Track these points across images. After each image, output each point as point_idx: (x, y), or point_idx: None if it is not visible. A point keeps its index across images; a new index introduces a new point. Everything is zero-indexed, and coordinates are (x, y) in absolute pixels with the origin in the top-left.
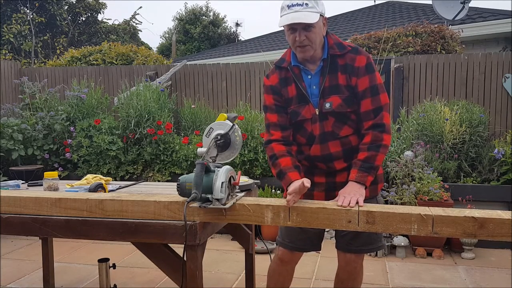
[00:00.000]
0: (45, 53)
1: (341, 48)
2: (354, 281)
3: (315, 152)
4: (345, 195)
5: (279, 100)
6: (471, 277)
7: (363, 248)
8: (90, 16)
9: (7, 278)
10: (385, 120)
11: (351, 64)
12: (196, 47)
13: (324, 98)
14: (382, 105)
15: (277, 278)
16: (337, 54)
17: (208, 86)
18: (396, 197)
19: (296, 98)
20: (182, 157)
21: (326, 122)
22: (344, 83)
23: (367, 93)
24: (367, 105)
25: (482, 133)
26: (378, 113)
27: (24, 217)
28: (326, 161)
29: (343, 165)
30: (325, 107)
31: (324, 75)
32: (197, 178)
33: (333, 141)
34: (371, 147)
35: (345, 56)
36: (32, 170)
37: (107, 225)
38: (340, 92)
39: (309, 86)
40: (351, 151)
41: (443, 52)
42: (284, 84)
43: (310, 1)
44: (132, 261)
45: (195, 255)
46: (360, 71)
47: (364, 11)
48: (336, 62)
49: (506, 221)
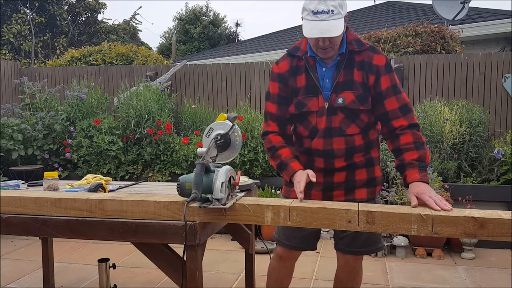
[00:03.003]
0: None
1: (360, 45)
2: (353, 281)
3: (316, 145)
4: (429, 193)
5: (284, 90)
6: (471, 277)
7: (362, 250)
8: (90, 16)
9: (7, 278)
10: (415, 119)
11: (368, 62)
12: (196, 47)
13: (337, 93)
14: (407, 102)
15: (276, 275)
16: (355, 50)
17: (208, 86)
18: (396, 197)
19: (304, 88)
20: (182, 157)
21: (335, 117)
22: (360, 80)
23: (390, 92)
24: (393, 104)
25: (482, 133)
26: (407, 111)
27: (24, 217)
28: (326, 156)
29: (342, 164)
30: (337, 102)
31: (340, 70)
32: (197, 178)
33: (338, 137)
34: (417, 145)
35: (363, 53)
36: (32, 170)
37: (107, 225)
38: (354, 88)
39: (322, 79)
40: (353, 151)
41: (443, 52)
42: (293, 73)
43: (335, 6)
44: (132, 261)
45: (195, 255)
46: (381, 69)
47: (364, 11)
48: (353, 58)
49: (506, 221)
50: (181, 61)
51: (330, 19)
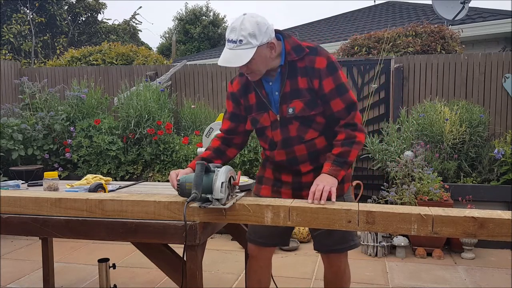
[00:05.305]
0: (45, 53)
1: (299, 52)
2: (341, 280)
3: (280, 157)
4: (318, 183)
5: (236, 108)
6: (471, 277)
7: (335, 248)
8: (90, 16)
9: (7, 278)
10: (356, 119)
11: (311, 66)
12: (196, 47)
13: (287, 104)
14: (353, 102)
15: (252, 276)
16: (295, 59)
17: (208, 86)
18: (396, 197)
19: (256, 105)
20: (182, 157)
21: (291, 126)
22: (305, 87)
23: (334, 94)
24: (338, 105)
25: (482, 133)
26: (350, 111)
27: (24, 217)
28: (291, 164)
29: (308, 168)
30: (288, 113)
31: (284, 81)
32: (197, 178)
33: (299, 145)
34: (344, 143)
35: (305, 58)
36: (32, 170)
37: (107, 225)
38: (301, 96)
39: (271, 93)
40: (317, 154)
41: (443, 52)
42: (244, 92)
43: (245, 36)
44: (132, 261)
45: (195, 255)
46: (322, 72)
47: (364, 11)
48: (295, 66)
49: (506, 221)
50: (181, 61)
51: (237, 49)
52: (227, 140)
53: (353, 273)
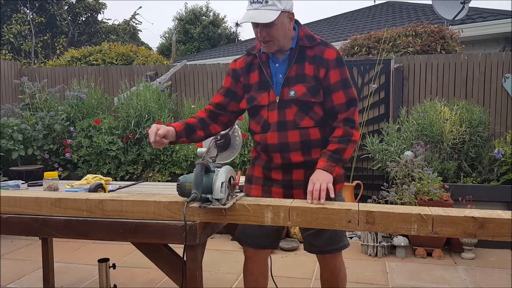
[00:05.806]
0: (45, 53)
1: (311, 40)
2: (336, 279)
3: (272, 140)
4: (314, 182)
5: (234, 85)
6: (471, 277)
7: (323, 249)
8: (90, 16)
9: (7, 278)
10: (356, 116)
11: (320, 56)
12: (196, 47)
13: (289, 87)
14: (354, 98)
15: (248, 277)
16: (306, 45)
17: (208, 86)
18: (396, 197)
19: (256, 84)
20: (182, 157)
21: (289, 110)
22: (311, 74)
23: (339, 86)
24: (340, 98)
25: (482, 133)
26: (350, 106)
27: (24, 217)
28: (282, 150)
29: (299, 159)
30: (289, 95)
31: (291, 64)
32: (197, 178)
33: (293, 130)
34: (341, 140)
35: (315, 47)
36: (32, 170)
37: (107, 225)
38: (306, 81)
39: (275, 75)
40: (309, 145)
41: (443, 52)
42: (247, 70)
43: None
44: (132, 261)
45: (195, 255)
46: (331, 63)
47: (364, 11)
48: (304, 53)
49: (506, 221)
50: (181, 61)
51: (262, 8)
52: (214, 114)
53: (353, 273)
